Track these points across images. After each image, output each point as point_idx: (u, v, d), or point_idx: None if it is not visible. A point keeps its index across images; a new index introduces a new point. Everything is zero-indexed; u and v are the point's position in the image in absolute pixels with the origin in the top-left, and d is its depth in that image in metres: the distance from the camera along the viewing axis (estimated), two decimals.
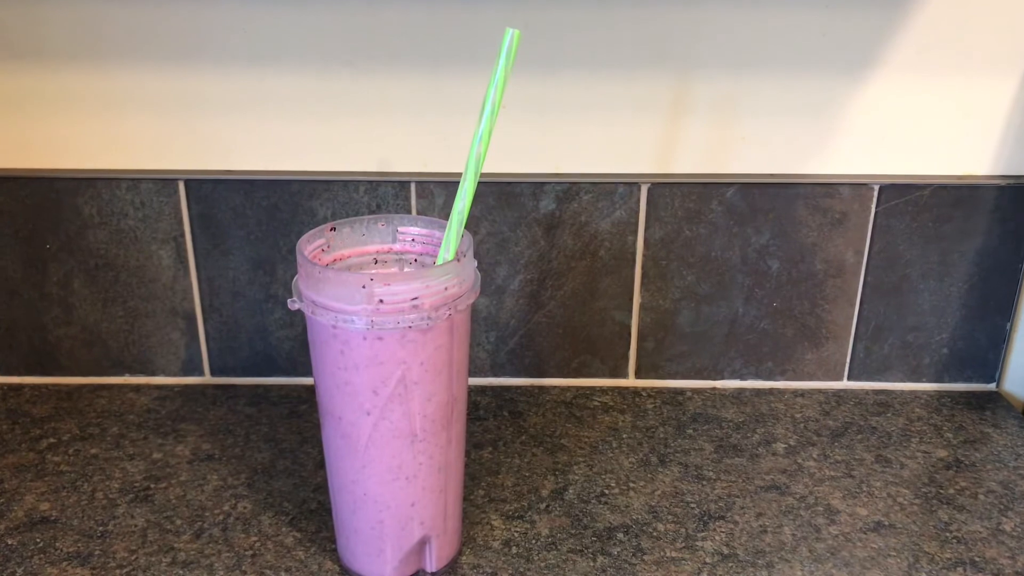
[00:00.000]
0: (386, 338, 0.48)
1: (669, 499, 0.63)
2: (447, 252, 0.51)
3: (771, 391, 0.76)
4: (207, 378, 0.77)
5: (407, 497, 0.53)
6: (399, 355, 0.49)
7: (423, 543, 0.55)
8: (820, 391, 0.76)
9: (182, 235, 0.72)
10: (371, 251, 0.56)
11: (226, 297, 0.74)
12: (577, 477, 0.65)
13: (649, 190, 0.71)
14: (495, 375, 0.77)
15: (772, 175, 0.71)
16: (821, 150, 0.71)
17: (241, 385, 0.76)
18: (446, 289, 0.49)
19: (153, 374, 0.77)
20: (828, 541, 0.59)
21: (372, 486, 0.52)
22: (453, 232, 0.51)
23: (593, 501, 0.63)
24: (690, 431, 0.71)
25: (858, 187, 0.71)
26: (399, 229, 0.55)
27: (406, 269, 0.56)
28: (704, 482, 0.65)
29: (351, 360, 0.49)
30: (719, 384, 0.77)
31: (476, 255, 0.71)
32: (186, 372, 0.77)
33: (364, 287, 0.47)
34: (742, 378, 0.77)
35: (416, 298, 0.48)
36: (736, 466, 0.67)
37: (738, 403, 0.75)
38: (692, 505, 0.63)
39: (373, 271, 0.55)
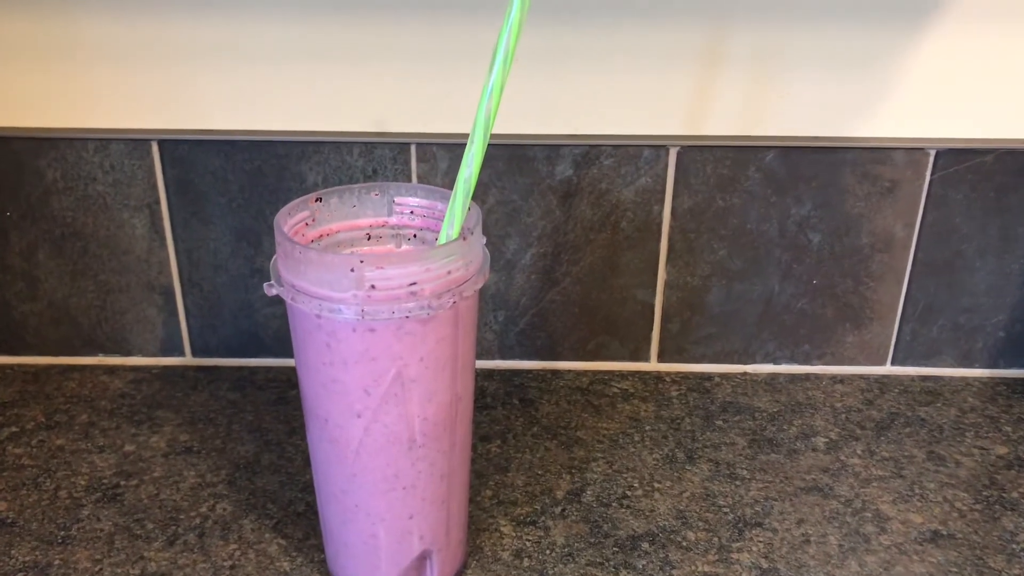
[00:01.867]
0: (379, 330, 0.41)
1: (699, 502, 0.57)
2: (451, 228, 0.44)
3: (807, 376, 0.70)
4: (188, 359, 0.70)
5: (404, 509, 0.46)
6: (394, 349, 0.42)
7: (423, 558, 0.48)
8: (861, 377, 0.70)
9: (157, 202, 0.66)
10: (363, 225, 0.48)
11: (207, 270, 0.67)
12: (595, 476, 0.59)
13: (678, 154, 0.64)
14: (504, 358, 0.70)
15: (816, 138, 0.64)
16: (871, 110, 0.64)
17: (224, 367, 0.70)
18: (449, 273, 0.42)
19: (129, 354, 0.70)
20: (880, 553, 0.53)
21: (364, 497, 0.46)
22: (458, 204, 0.43)
23: (614, 504, 0.56)
24: (719, 422, 0.64)
25: (912, 152, 0.64)
26: (396, 200, 0.48)
27: (404, 246, 0.49)
28: (738, 482, 0.58)
29: (339, 355, 0.42)
30: (750, 369, 0.70)
31: (484, 228, 0.64)
32: (165, 352, 0.70)
33: (353, 270, 0.40)
34: (775, 362, 0.70)
35: (414, 283, 0.41)
36: (772, 463, 0.60)
37: (771, 390, 0.68)
38: (725, 509, 0.56)
39: (365, 249, 0.48)
